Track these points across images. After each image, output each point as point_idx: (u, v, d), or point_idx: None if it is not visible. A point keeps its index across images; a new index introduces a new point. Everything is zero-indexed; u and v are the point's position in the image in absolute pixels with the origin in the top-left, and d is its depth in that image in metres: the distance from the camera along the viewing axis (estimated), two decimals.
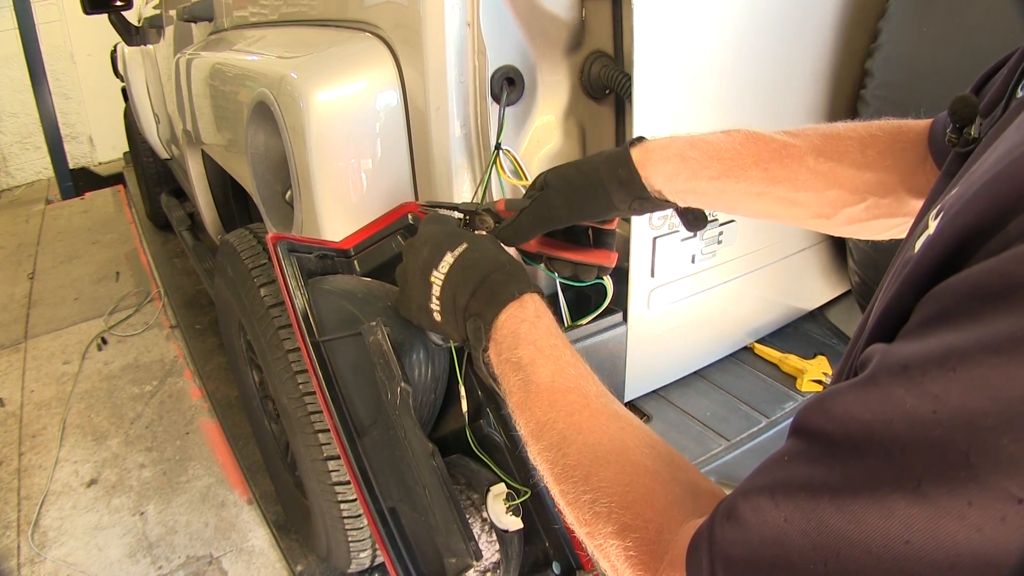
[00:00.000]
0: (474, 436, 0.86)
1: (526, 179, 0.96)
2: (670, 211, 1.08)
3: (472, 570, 0.71)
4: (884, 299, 0.43)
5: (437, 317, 0.74)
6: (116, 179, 5.71)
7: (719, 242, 1.13)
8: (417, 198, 1.03)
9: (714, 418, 1.20)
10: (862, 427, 0.35)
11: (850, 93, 1.21)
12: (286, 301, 0.85)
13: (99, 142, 6.08)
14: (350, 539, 1.64)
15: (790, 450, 0.39)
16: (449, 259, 0.72)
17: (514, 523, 0.78)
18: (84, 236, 4.69)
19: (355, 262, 0.95)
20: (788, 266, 1.31)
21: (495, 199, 0.97)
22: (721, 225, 1.12)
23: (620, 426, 0.56)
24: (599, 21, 1.00)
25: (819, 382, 1.29)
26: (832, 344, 1.42)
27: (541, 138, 1.02)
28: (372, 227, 0.97)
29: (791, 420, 0.41)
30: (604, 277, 0.90)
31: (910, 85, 1.10)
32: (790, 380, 1.31)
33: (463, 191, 0.97)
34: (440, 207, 0.92)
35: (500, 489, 0.80)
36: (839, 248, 1.38)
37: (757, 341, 1.37)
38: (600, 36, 1.02)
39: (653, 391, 1.22)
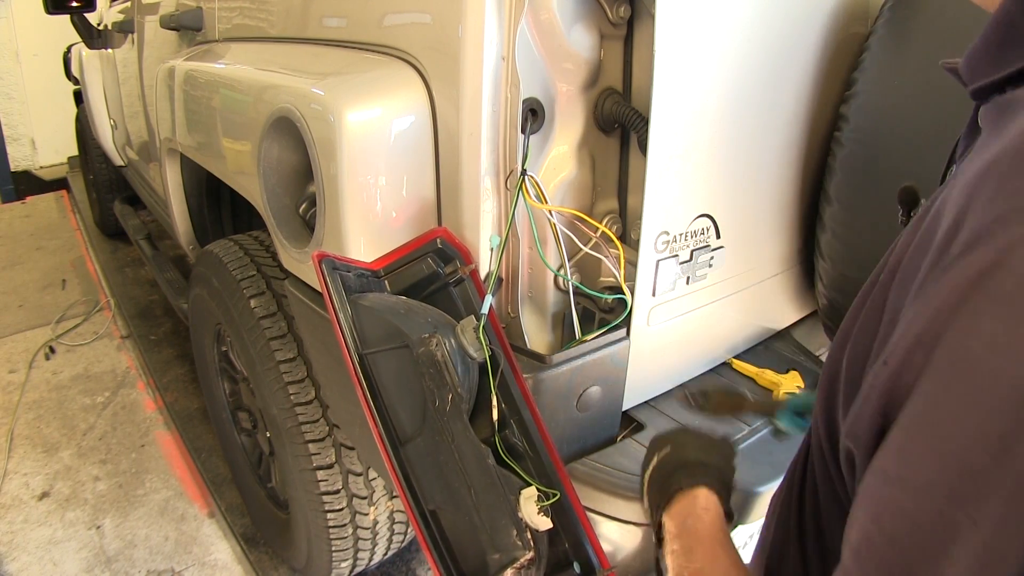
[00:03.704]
0: (502, 444, 0.92)
1: (547, 203, 1.03)
2: (672, 235, 1.17)
3: (510, 568, 0.76)
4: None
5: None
6: (59, 184, 5.51)
7: (710, 265, 1.23)
8: (440, 220, 1.08)
9: (700, 426, 1.29)
10: None
11: (825, 134, 1.33)
12: (331, 316, 0.88)
13: (41, 145, 5.84)
14: (333, 548, 1.65)
15: None
16: None
17: (544, 523, 0.84)
18: (27, 242, 4.51)
19: (385, 282, 1.00)
20: (765, 288, 1.42)
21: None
22: (713, 250, 1.22)
23: None
24: (612, 60, 1.09)
25: (793, 395, 1.40)
26: (800, 360, 1.53)
27: (557, 166, 1.09)
28: (401, 250, 1.02)
29: None
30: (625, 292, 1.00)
31: (881, 131, 1.22)
32: (767, 393, 1.41)
33: (487, 213, 1.03)
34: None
35: (531, 492, 0.85)
36: (808, 272, 1.50)
37: (735, 357, 1.47)
38: (612, 74, 1.10)
39: (644, 402, 1.30)
